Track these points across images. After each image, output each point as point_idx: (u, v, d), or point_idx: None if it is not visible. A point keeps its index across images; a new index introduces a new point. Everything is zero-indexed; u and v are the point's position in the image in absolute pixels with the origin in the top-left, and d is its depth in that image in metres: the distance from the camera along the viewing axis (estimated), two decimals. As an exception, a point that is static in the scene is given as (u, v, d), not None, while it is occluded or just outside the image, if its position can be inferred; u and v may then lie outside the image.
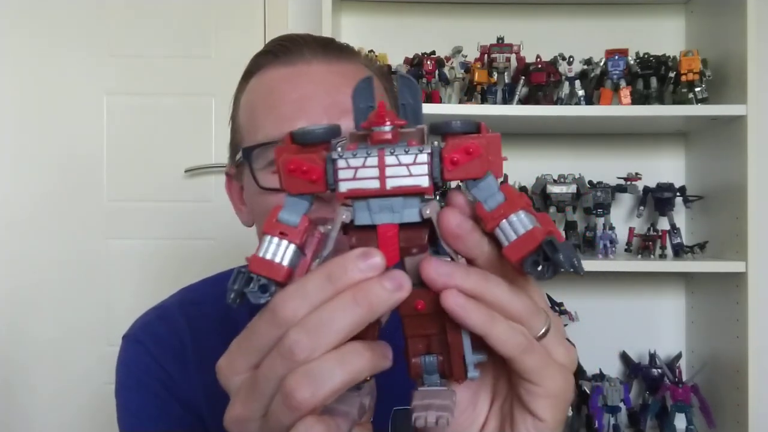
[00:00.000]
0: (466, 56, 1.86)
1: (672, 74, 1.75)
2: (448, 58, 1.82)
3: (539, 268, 0.33)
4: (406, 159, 0.34)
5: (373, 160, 0.34)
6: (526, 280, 0.38)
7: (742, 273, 1.64)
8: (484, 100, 1.77)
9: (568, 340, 0.41)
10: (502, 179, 0.36)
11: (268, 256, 0.35)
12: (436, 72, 1.78)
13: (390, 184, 0.34)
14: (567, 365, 0.39)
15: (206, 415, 0.73)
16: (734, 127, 1.68)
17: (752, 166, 1.63)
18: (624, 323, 1.98)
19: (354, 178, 0.35)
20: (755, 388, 1.61)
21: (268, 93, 0.71)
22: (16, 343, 2.01)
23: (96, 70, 2.01)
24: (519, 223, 0.34)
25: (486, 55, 1.79)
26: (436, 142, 0.35)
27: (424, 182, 0.34)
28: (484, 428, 0.41)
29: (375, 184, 0.34)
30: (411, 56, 1.81)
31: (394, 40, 1.92)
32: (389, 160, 0.34)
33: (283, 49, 0.72)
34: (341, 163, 0.35)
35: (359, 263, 0.34)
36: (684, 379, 1.81)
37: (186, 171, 2.00)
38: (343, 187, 0.35)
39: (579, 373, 1.82)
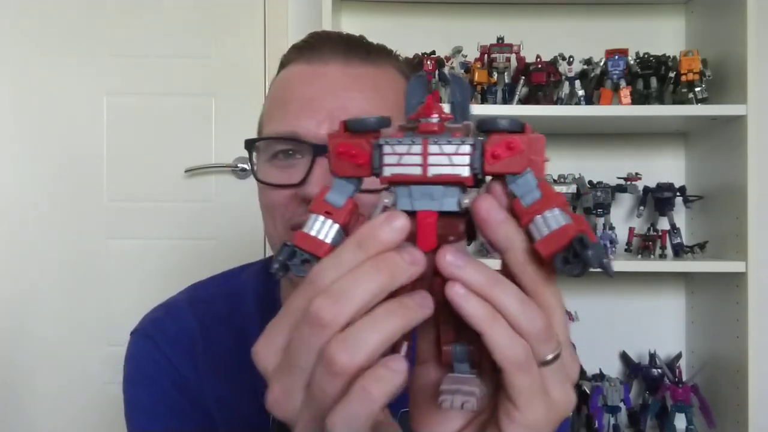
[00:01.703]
0: (466, 56, 1.86)
1: (672, 74, 1.75)
2: (448, 58, 1.82)
3: (569, 265, 0.34)
4: (449, 149, 0.35)
5: (417, 148, 0.36)
6: (555, 304, 0.37)
7: (742, 273, 1.64)
8: (484, 100, 1.77)
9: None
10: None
11: (313, 233, 0.37)
12: (436, 72, 1.78)
13: (431, 171, 0.36)
14: (559, 404, 0.37)
15: (215, 414, 0.73)
16: (734, 127, 1.68)
17: (752, 166, 1.62)
18: (624, 323, 1.98)
19: (398, 164, 0.36)
20: (755, 388, 1.61)
21: (284, 89, 0.72)
22: (17, 342, 2.01)
23: (96, 70, 2.02)
24: (553, 219, 0.35)
25: (486, 55, 1.79)
26: (481, 138, 0.36)
27: (464, 172, 0.35)
28: None
29: (417, 171, 0.36)
30: (411, 56, 1.81)
31: (394, 40, 1.87)
32: (432, 148, 0.36)
33: (307, 46, 0.73)
34: (387, 148, 0.36)
35: (384, 227, 0.35)
36: (684, 379, 1.81)
37: (186, 171, 2.00)
38: (387, 171, 0.36)
39: (579, 373, 1.82)
